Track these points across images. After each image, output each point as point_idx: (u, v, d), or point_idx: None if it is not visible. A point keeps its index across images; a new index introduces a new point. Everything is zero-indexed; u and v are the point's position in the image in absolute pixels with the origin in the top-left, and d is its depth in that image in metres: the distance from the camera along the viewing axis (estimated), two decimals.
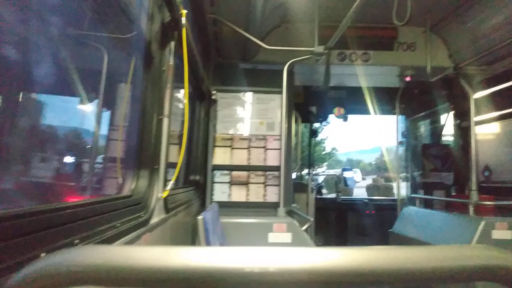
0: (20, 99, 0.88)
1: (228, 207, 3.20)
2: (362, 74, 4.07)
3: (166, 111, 1.63)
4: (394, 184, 4.90)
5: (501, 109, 3.78)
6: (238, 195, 3.31)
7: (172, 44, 1.68)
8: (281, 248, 0.41)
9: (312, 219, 3.31)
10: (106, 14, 1.11)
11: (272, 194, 3.30)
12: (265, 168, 3.33)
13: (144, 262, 0.38)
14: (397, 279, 0.40)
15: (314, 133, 5.94)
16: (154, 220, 1.50)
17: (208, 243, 2.07)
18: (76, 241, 0.87)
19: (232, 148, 3.37)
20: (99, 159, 1.44)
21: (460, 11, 3.21)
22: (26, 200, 0.96)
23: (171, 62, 1.66)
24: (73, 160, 1.24)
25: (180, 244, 2.10)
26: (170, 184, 1.66)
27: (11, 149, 0.90)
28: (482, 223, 2.88)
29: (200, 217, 2.04)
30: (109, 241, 1.04)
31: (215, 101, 3.38)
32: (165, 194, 1.61)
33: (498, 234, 2.87)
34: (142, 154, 1.50)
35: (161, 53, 1.62)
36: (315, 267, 0.39)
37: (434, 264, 0.41)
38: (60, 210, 0.86)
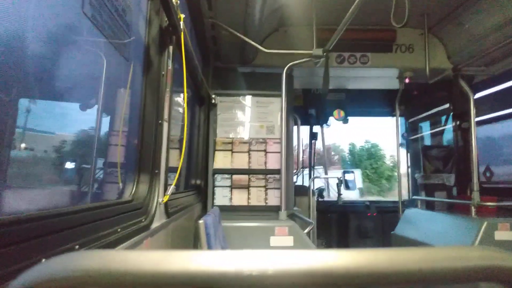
0: (17, 104, 0.88)
1: (230, 211, 3.19)
2: (361, 76, 4.08)
3: (165, 115, 1.63)
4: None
5: (502, 110, 3.78)
6: (239, 199, 3.30)
7: (171, 48, 1.69)
8: (279, 250, 0.41)
9: (313, 222, 3.31)
10: (104, 19, 1.12)
11: (273, 198, 3.29)
12: (265, 172, 3.32)
13: (144, 266, 0.38)
14: (397, 281, 0.40)
15: (314, 136, 5.91)
16: (155, 224, 1.50)
17: (209, 247, 2.06)
18: (76, 247, 0.87)
19: (233, 152, 3.36)
20: (99, 164, 1.44)
21: (457, 12, 3.22)
22: (25, 205, 0.96)
23: (170, 66, 1.67)
24: (72, 166, 1.23)
25: (182, 249, 2.09)
26: (170, 189, 1.66)
27: (8, 155, 0.90)
28: (485, 224, 2.87)
29: (201, 221, 2.03)
30: (110, 246, 1.03)
31: (215, 105, 3.38)
32: (165, 199, 1.61)
33: (501, 235, 2.86)
34: (142, 159, 1.50)
35: (160, 58, 1.62)
36: (314, 269, 0.39)
37: (433, 265, 0.41)
38: (60, 215, 0.85)
